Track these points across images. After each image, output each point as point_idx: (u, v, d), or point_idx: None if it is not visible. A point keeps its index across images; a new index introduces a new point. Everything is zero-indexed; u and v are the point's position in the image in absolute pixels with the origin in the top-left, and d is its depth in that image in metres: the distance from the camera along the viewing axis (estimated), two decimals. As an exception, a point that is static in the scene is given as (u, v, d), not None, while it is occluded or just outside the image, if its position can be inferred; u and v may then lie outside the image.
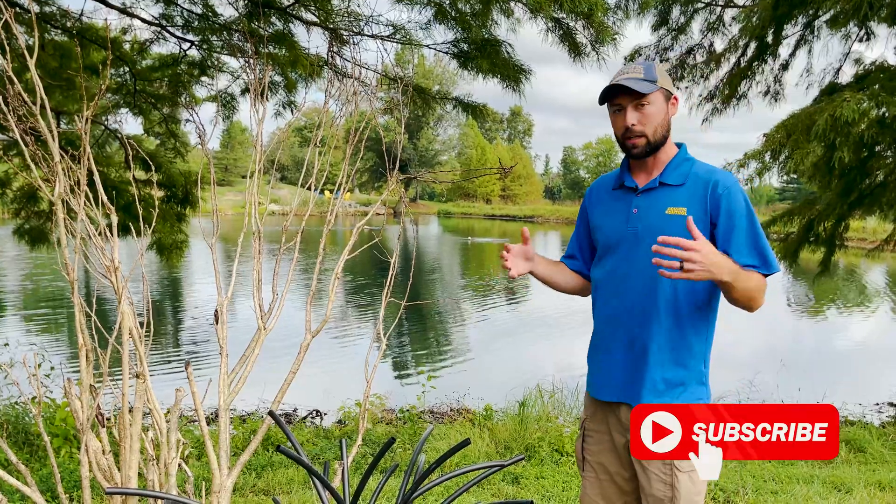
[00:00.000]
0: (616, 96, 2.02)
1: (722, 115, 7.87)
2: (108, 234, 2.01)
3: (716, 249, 1.82)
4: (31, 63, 2.03)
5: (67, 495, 3.53)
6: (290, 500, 3.63)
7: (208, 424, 4.99)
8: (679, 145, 2.10)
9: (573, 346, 10.97)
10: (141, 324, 2.01)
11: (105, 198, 1.93)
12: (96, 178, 1.91)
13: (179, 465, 2.17)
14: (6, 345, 7.61)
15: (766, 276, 1.94)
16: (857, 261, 22.26)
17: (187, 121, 7.86)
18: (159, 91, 7.96)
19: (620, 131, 2.04)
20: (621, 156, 2.20)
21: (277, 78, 6.99)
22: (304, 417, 6.95)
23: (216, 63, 7.20)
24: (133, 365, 1.89)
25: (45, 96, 1.81)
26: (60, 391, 5.90)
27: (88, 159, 1.87)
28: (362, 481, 1.97)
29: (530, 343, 11.07)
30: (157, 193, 7.97)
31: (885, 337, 12.68)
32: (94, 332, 1.98)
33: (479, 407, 6.33)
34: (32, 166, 1.83)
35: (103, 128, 8.09)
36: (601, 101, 2.08)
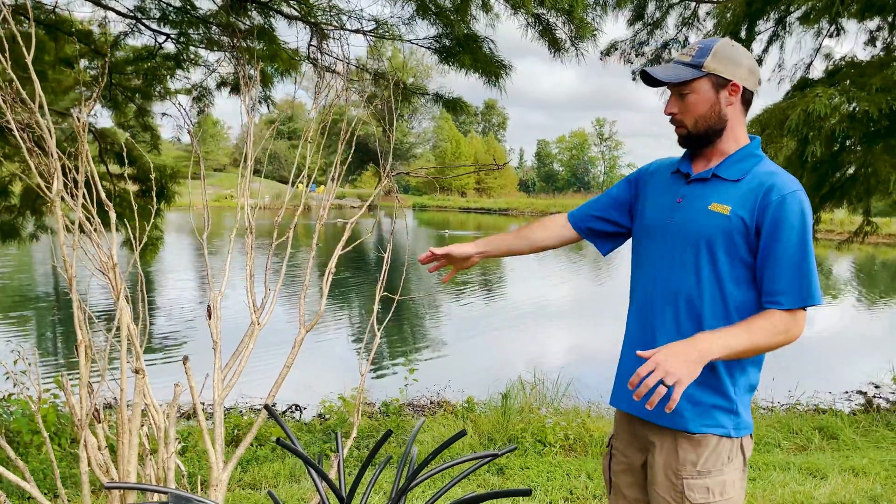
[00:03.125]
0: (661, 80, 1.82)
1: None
2: (103, 230, 2.01)
3: (674, 343, 1.61)
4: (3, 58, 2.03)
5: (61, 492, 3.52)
6: (277, 493, 3.65)
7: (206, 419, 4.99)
8: (752, 138, 1.87)
9: (550, 339, 11.09)
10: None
11: (104, 195, 1.92)
12: (95, 177, 1.91)
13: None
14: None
15: (791, 310, 1.69)
16: (825, 252, 22.70)
17: (164, 114, 7.78)
18: (132, 84, 7.87)
19: (668, 117, 1.87)
20: (594, 150, 2.15)
21: (254, 72, 6.96)
22: (284, 412, 6.95)
23: (192, 56, 7.15)
24: (130, 360, 1.90)
25: (42, 93, 1.80)
26: (33, 389, 5.83)
27: (87, 157, 1.87)
28: (360, 472, 2.00)
29: (507, 336, 11.17)
30: (132, 188, 7.90)
31: (852, 327, 13.00)
32: (87, 329, 1.98)
33: (460, 399, 6.39)
34: (31, 164, 1.82)
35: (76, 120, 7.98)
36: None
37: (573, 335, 11.72)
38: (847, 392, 7.68)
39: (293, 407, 7.07)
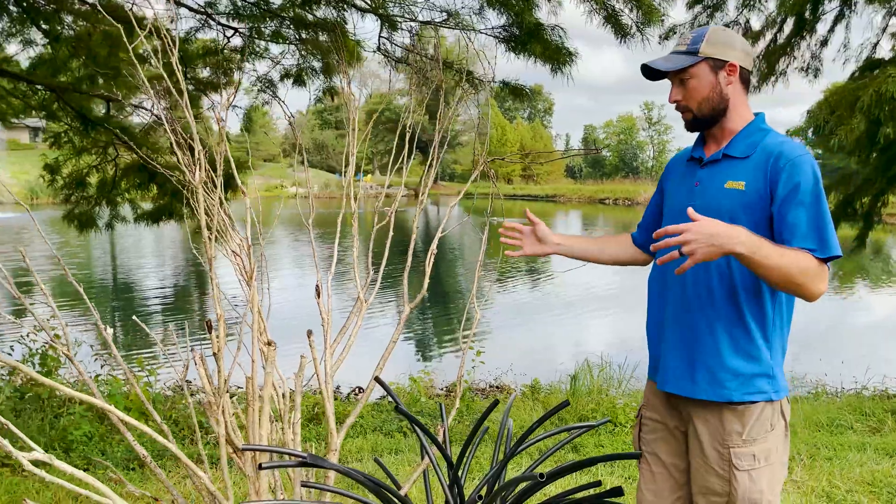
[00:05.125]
0: (661, 72, 1.93)
1: (758, 92, 7.90)
2: (228, 218, 2.18)
3: (719, 221, 1.65)
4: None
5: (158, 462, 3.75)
6: (362, 467, 3.84)
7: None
8: (757, 115, 1.95)
9: (603, 327, 11.12)
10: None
11: (240, 182, 2.08)
12: (233, 166, 2.07)
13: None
14: (58, 333, 7.89)
15: (821, 260, 1.73)
16: (884, 237, 22.08)
17: (233, 106, 8.03)
18: (201, 77, 8.14)
19: (673, 105, 1.96)
20: (643, 134, 2.22)
21: (316, 64, 7.14)
22: (348, 395, 7.14)
23: (258, 49, 7.36)
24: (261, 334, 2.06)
25: (185, 88, 1.97)
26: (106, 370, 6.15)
27: (226, 149, 2.03)
28: (468, 439, 2.14)
29: (563, 323, 11.22)
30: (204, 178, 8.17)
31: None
32: (220, 305, 2.15)
33: (518, 384, 6.51)
34: (179, 155, 1.99)
35: (149, 113, 8.29)
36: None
37: (626, 323, 11.70)
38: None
39: (356, 389, 7.26)
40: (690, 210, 1.66)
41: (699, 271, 1.87)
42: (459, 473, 2.05)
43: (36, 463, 1.91)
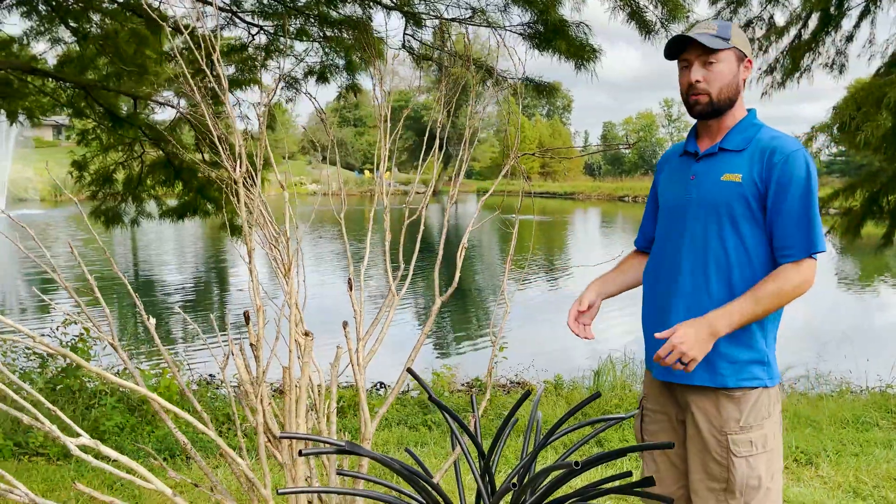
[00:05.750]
0: (684, 50, 1.94)
1: (783, 88, 7.85)
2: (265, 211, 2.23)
3: (693, 321, 1.82)
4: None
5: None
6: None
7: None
8: (749, 111, 2.01)
9: (618, 323, 11.09)
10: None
11: (280, 177, 2.13)
12: (272, 160, 2.11)
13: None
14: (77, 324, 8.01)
15: (799, 261, 1.84)
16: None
17: (257, 103, 8.10)
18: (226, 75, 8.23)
19: (685, 87, 1.97)
20: (662, 131, 2.26)
21: (340, 61, 7.21)
22: (369, 389, 7.21)
23: (283, 47, 7.45)
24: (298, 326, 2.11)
25: (226, 84, 2.02)
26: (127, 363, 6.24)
27: (265, 142, 2.08)
28: (500, 429, 2.18)
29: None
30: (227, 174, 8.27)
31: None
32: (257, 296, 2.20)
33: (540, 380, 6.53)
34: (221, 150, 2.04)
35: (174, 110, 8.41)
36: (668, 55, 2.01)
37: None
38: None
39: (378, 384, 7.31)
40: (657, 334, 1.86)
41: (695, 261, 1.95)
42: (490, 463, 2.09)
43: (83, 449, 1.97)
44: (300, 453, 1.73)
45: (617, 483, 2.03)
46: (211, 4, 7.14)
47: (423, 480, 1.98)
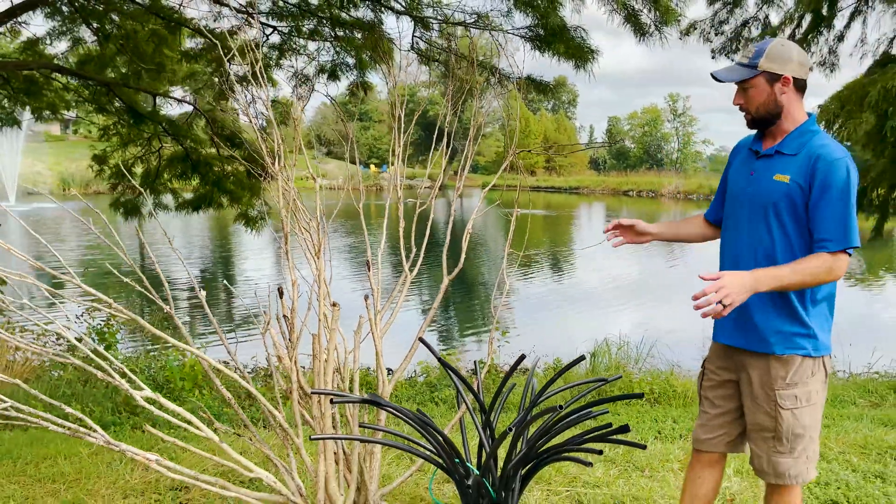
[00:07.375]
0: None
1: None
2: (297, 202, 2.57)
3: (740, 272, 2.06)
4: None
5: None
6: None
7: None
8: (809, 115, 2.29)
9: (621, 315, 11.42)
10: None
11: (311, 170, 2.47)
12: (305, 153, 2.45)
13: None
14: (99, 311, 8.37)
15: (835, 252, 2.11)
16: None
17: (273, 101, 8.44)
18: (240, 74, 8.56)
19: (737, 107, 2.32)
20: (668, 126, 2.56)
21: (350, 60, 7.54)
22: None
23: (296, 46, 7.77)
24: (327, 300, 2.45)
25: (266, 87, 2.35)
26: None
27: (299, 136, 2.41)
28: (499, 388, 2.52)
29: (581, 311, 11.53)
30: (241, 169, 8.61)
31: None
32: (294, 269, 2.54)
33: (539, 365, 6.84)
34: (261, 144, 2.37)
35: (192, 107, 8.76)
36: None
37: (646, 312, 11.97)
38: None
39: (387, 371, 7.64)
40: (701, 274, 2.05)
41: (749, 246, 2.28)
42: (491, 418, 2.44)
43: (148, 400, 2.32)
44: (331, 401, 2.07)
45: (598, 433, 2.40)
46: (227, 6, 7.50)
47: (432, 429, 2.33)
